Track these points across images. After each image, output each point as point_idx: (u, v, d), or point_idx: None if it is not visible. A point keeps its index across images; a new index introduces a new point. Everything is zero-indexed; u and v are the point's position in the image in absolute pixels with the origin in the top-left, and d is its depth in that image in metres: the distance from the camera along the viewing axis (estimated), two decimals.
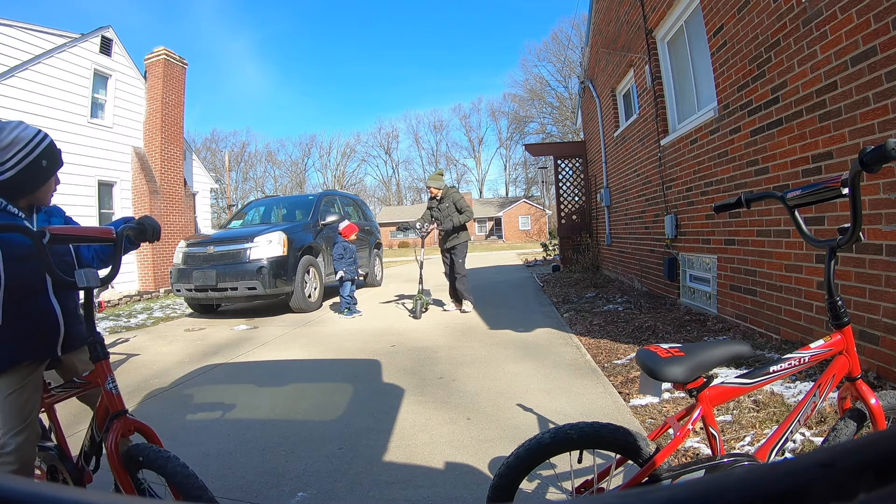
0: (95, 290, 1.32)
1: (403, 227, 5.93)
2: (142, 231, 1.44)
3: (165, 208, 10.25)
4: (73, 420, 2.27)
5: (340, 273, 5.85)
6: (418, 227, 5.66)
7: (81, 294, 1.34)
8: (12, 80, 7.78)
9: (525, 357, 3.54)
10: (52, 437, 1.61)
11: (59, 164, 1.49)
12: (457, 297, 5.75)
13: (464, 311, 5.56)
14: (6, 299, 1.34)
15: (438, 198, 5.66)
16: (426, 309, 5.57)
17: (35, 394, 1.40)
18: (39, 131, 1.43)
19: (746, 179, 3.55)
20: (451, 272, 5.67)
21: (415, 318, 5.28)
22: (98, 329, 1.36)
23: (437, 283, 7.56)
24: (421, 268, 5.97)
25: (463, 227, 5.58)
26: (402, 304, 6.55)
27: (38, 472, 1.55)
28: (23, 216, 1.42)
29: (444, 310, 5.80)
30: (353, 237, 6.10)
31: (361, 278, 6.38)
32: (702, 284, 4.52)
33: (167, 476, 1.25)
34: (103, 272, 1.37)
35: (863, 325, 2.40)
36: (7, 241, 1.33)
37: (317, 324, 5.44)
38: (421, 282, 5.72)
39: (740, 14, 3.45)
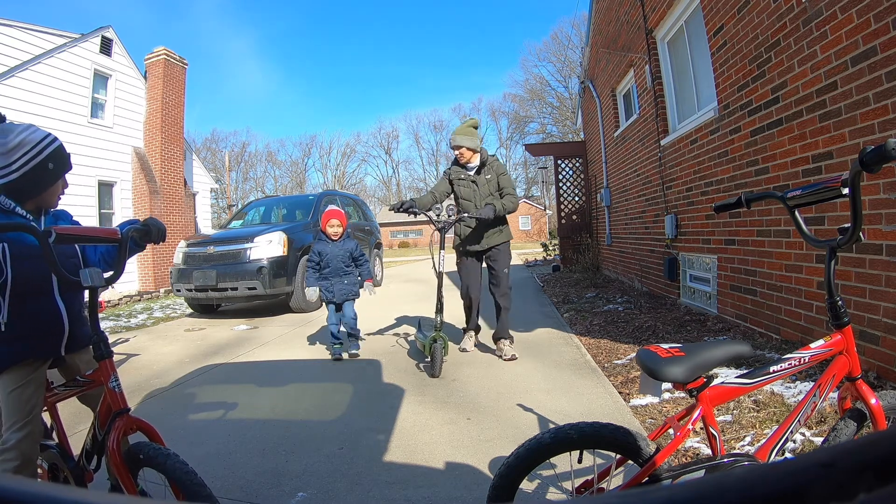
0: (99, 290, 1.33)
1: (406, 208, 3.43)
2: (147, 233, 1.45)
3: (165, 208, 10.25)
4: (75, 420, 2.27)
5: (310, 291, 3.82)
6: (436, 214, 3.46)
7: (86, 293, 1.35)
8: (12, 80, 7.79)
9: (525, 357, 3.53)
10: (54, 435, 1.62)
11: (67, 167, 1.51)
12: (475, 324, 3.79)
13: (510, 358, 3.45)
14: (12, 298, 1.36)
15: (473, 165, 3.59)
16: (446, 354, 3.35)
17: (38, 391, 1.41)
18: (48, 135, 1.45)
19: (746, 179, 3.55)
20: (480, 287, 3.70)
21: (433, 376, 3.17)
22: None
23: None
24: (440, 281, 3.43)
25: (504, 219, 3.62)
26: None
27: (39, 470, 1.56)
28: (31, 218, 1.45)
29: (479, 350, 3.73)
30: (332, 227, 3.84)
31: (358, 290, 3.97)
32: (702, 284, 4.52)
33: (166, 473, 1.26)
34: (107, 273, 1.38)
35: (863, 326, 2.40)
36: (15, 241, 1.36)
37: (317, 324, 5.44)
38: (441, 309, 3.39)
39: (740, 14, 3.45)
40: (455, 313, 5.06)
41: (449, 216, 3.48)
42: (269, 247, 5.96)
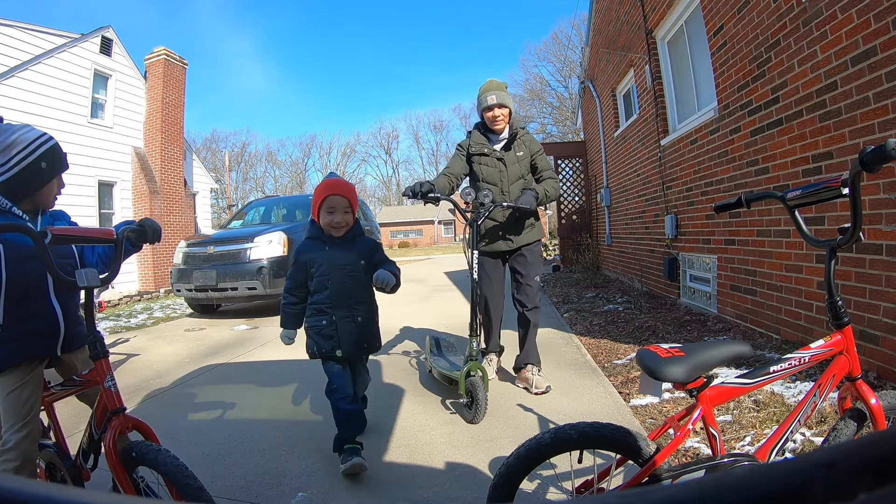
0: (96, 291, 1.34)
1: (426, 192, 2.55)
2: (142, 233, 1.46)
3: (165, 208, 10.25)
4: (76, 420, 2.27)
5: (285, 335, 2.14)
6: (465, 200, 2.70)
7: (82, 294, 1.35)
8: (12, 80, 7.79)
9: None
10: (52, 435, 1.62)
11: (63, 167, 1.51)
12: (497, 344, 3.06)
13: (541, 391, 2.70)
14: (8, 299, 1.37)
15: (502, 137, 2.81)
16: (487, 389, 2.46)
17: (35, 392, 1.42)
18: (43, 134, 1.46)
19: (746, 179, 3.55)
20: (503, 297, 2.95)
21: (472, 422, 2.38)
22: (98, 328, 1.38)
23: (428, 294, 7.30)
24: (476, 291, 2.59)
25: (536, 212, 2.83)
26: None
27: (37, 469, 1.56)
28: (27, 218, 1.45)
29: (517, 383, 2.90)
30: (332, 214, 2.03)
31: (379, 335, 2.23)
32: (702, 284, 4.52)
33: (157, 468, 1.27)
34: (104, 273, 1.38)
35: (863, 326, 2.40)
36: (10, 242, 1.36)
37: None
38: (478, 330, 2.57)
39: (740, 14, 3.45)
40: (453, 321, 5.01)
41: (482, 203, 2.55)
42: (269, 247, 5.96)
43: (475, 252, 2.58)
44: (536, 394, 2.72)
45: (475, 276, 2.57)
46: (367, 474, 1.95)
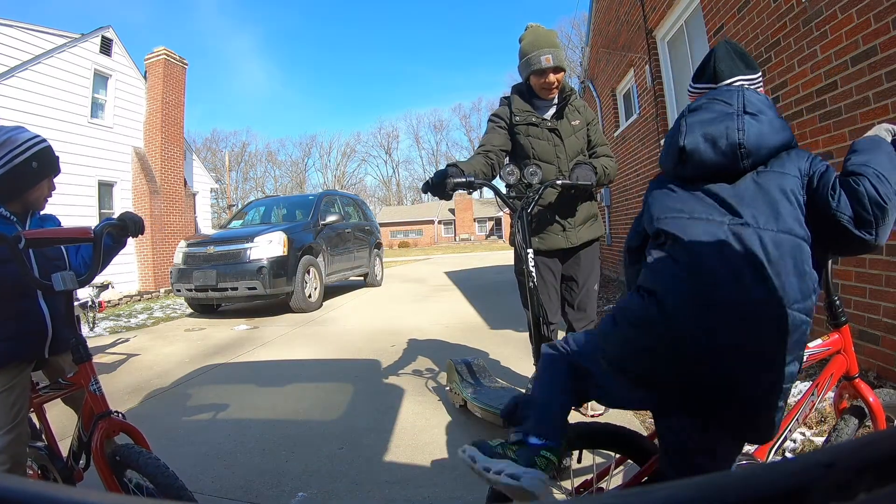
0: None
1: (454, 183, 1.81)
2: (123, 227, 1.44)
3: (165, 208, 10.25)
4: (69, 422, 2.27)
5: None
6: (507, 183, 2.00)
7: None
8: (12, 80, 7.78)
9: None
10: (43, 436, 1.61)
11: (54, 170, 1.50)
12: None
13: (599, 414, 2.23)
14: None
15: (552, 104, 2.22)
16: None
17: (23, 394, 1.40)
18: (36, 136, 1.44)
19: None
20: (560, 312, 2.31)
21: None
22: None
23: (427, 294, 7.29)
24: (536, 303, 1.87)
25: (594, 198, 2.28)
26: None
27: (30, 471, 1.56)
28: (15, 220, 1.44)
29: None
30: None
31: None
32: None
33: (140, 470, 1.26)
34: (89, 272, 1.37)
35: (863, 325, 2.40)
36: None
37: (317, 324, 5.44)
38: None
39: (740, 14, 3.45)
40: (454, 319, 5.02)
41: (530, 183, 1.92)
42: (269, 247, 5.96)
43: (530, 251, 1.88)
44: (593, 416, 2.21)
45: (533, 283, 1.86)
46: (367, 474, 1.95)
